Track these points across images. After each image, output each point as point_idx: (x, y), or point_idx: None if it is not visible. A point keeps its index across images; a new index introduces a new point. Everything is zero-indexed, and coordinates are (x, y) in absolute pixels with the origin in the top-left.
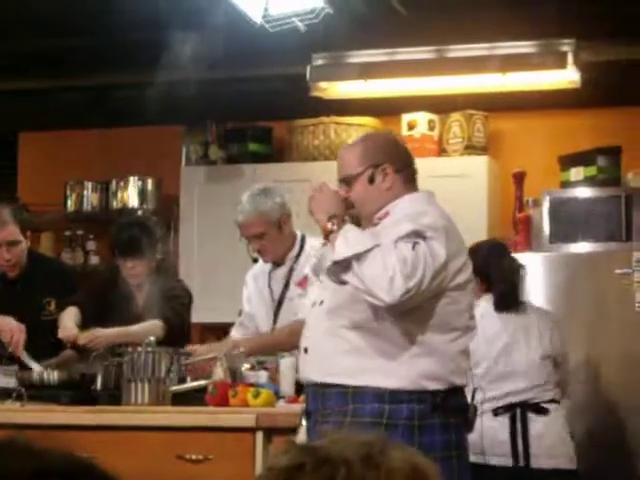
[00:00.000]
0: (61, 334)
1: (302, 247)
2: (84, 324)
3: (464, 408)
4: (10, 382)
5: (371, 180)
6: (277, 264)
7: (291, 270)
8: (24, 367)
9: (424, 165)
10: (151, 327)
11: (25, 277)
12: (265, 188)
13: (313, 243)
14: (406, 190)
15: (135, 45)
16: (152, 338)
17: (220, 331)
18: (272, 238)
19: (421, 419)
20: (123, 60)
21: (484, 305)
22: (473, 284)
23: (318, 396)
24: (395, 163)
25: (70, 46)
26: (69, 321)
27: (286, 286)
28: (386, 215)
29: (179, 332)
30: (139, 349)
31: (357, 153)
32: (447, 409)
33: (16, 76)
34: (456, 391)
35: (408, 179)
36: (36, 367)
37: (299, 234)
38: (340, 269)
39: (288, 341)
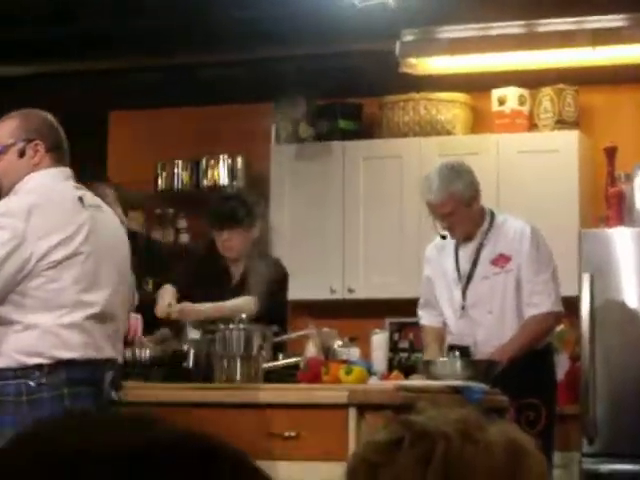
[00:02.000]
0: (157, 312)
1: (492, 223)
2: (181, 300)
3: (86, 380)
4: None
5: (21, 154)
6: (466, 239)
7: (480, 246)
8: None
9: (514, 140)
10: (243, 303)
11: None
12: (454, 166)
13: (510, 221)
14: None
15: (223, 23)
16: (244, 315)
17: (311, 308)
18: (461, 216)
19: (29, 394)
20: (212, 38)
21: None
22: (83, 257)
23: None
24: (47, 142)
25: (159, 25)
26: (165, 298)
27: (475, 262)
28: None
29: (274, 309)
30: (231, 326)
31: (12, 125)
32: (58, 383)
33: (106, 55)
34: (69, 364)
35: (57, 160)
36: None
37: (487, 209)
38: None
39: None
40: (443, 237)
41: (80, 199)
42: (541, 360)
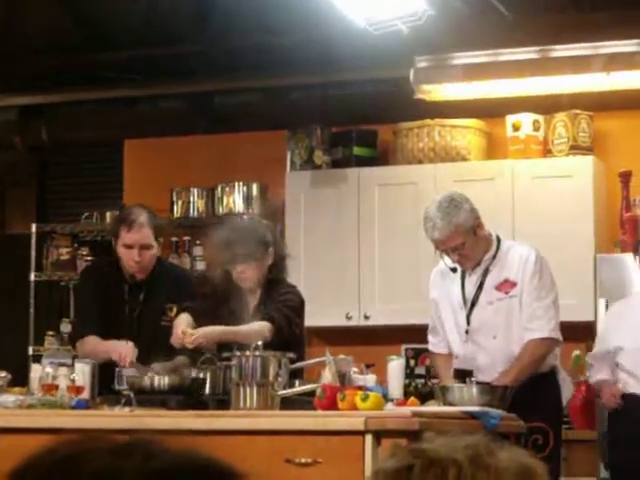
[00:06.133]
0: (173, 342)
1: (498, 248)
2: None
3: None
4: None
5: None
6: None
7: (486, 272)
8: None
9: (529, 166)
10: (258, 327)
11: (150, 282)
12: (451, 199)
13: (516, 247)
14: None
15: (238, 51)
16: (260, 342)
17: (326, 335)
18: (470, 246)
19: None
20: (226, 66)
21: None
22: None
23: None
24: None
25: (173, 53)
26: (179, 327)
27: (480, 288)
28: None
29: (289, 335)
30: (247, 353)
31: None
32: None
33: (121, 84)
34: None
35: None
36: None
37: (494, 235)
38: None
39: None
40: (454, 270)
41: None
42: (546, 383)
